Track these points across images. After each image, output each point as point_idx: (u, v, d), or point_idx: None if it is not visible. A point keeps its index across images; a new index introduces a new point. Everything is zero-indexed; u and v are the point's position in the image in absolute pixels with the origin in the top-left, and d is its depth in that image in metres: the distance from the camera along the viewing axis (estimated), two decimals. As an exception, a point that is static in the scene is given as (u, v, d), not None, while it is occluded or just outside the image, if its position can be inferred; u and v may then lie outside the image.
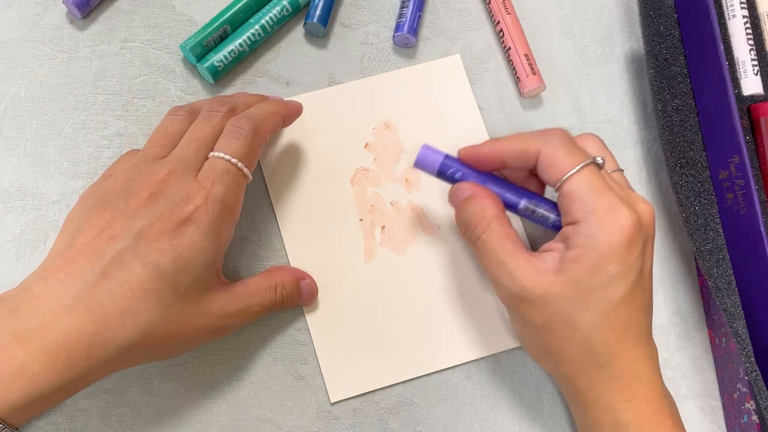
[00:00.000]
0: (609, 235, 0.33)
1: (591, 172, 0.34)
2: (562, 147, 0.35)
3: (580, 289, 0.34)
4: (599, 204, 0.34)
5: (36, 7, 0.44)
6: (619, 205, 0.34)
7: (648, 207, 0.36)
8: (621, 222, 0.33)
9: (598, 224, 0.34)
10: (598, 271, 0.34)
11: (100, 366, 0.32)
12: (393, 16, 0.47)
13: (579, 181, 0.34)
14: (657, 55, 0.44)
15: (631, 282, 0.34)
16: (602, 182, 0.34)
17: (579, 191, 0.34)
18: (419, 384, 0.42)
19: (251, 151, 0.36)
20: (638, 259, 0.34)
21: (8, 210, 0.41)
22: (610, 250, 0.33)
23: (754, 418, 0.41)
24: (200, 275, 0.34)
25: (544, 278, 0.34)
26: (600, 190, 0.34)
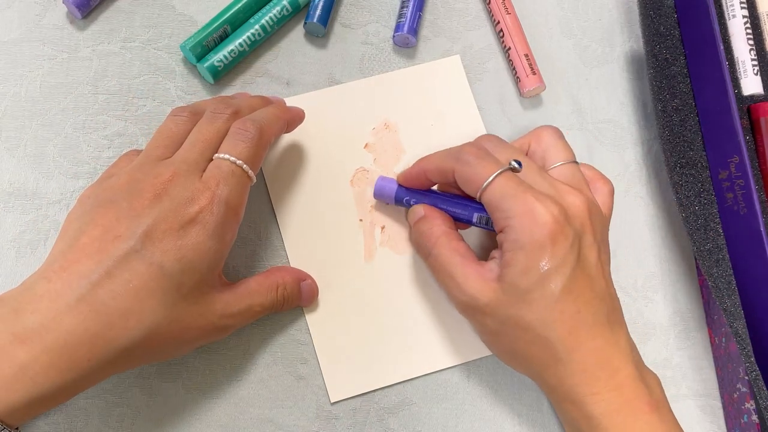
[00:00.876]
0: (530, 235, 0.34)
1: (505, 179, 0.35)
2: (471, 161, 0.36)
3: (519, 290, 0.35)
4: (515, 208, 0.35)
5: (36, 7, 0.44)
6: (534, 204, 0.34)
7: (579, 198, 0.36)
8: (540, 220, 0.34)
9: (518, 227, 0.34)
10: (530, 270, 0.34)
11: (102, 367, 0.32)
12: (393, 16, 0.47)
13: (494, 191, 0.35)
14: (657, 55, 0.44)
15: (568, 275, 0.34)
16: (516, 186, 0.35)
17: (495, 200, 0.35)
18: (419, 384, 0.42)
19: (256, 154, 0.36)
20: (571, 251, 0.35)
21: (8, 210, 0.41)
22: (535, 248, 0.34)
23: (754, 418, 0.41)
24: (204, 276, 0.34)
25: (489, 285, 0.36)
26: (514, 194, 0.35)
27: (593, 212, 0.36)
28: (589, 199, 0.37)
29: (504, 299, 0.35)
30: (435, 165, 0.38)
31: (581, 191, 0.37)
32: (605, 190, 0.39)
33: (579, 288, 0.35)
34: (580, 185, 0.38)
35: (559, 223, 0.34)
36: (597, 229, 0.36)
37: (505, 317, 0.36)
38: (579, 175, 0.38)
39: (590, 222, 0.36)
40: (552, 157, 0.39)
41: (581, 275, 0.35)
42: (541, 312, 0.35)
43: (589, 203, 0.36)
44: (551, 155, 0.39)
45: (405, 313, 0.42)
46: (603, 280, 0.36)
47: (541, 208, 0.34)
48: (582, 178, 0.38)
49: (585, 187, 0.38)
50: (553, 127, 0.40)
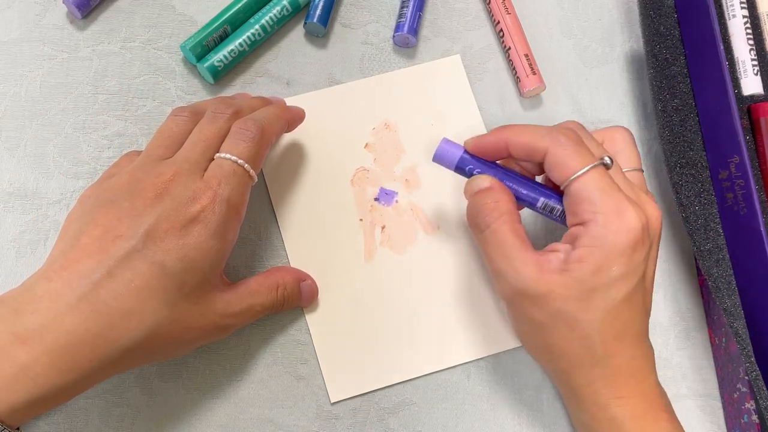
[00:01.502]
0: (615, 236, 0.34)
1: (598, 174, 0.34)
2: (569, 147, 0.35)
3: (583, 288, 0.34)
4: (607, 205, 0.34)
5: (36, 7, 0.44)
6: (627, 207, 0.34)
7: (657, 211, 0.36)
8: (628, 223, 0.34)
9: (605, 225, 0.34)
10: (602, 271, 0.34)
11: (103, 367, 0.32)
12: (393, 16, 0.47)
13: (586, 183, 0.34)
14: (657, 55, 0.44)
15: (634, 284, 0.34)
16: (610, 183, 0.34)
17: (586, 192, 0.34)
18: (419, 384, 0.42)
19: (257, 154, 0.36)
20: (642, 262, 0.34)
21: (8, 210, 0.41)
22: (616, 251, 0.34)
23: (754, 418, 0.41)
24: (206, 275, 0.34)
25: (547, 276, 0.34)
26: (607, 191, 0.34)
27: (661, 227, 0.36)
28: (661, 213, 0.36)
29: (562, 293, 0.34)
30: (525, 139, 0.36)
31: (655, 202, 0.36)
32: None
33: (636, 298, 0.35)
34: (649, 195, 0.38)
35: (644, 231, 0.34)
36: (660, 243, 0.37)
37: (557, 311, 0.35)
38: (645, 185, 0.38)
39: (659, 236, 0.36)
40: (624, 161, 0.39)
41: (640, 287, 0.35)
42: (597, 314, 0.34)
43: (661, 217, 0.36)
44: (623, 159, 0.39)
45: (405, 314, 0.42)
46: (651, 294, 0.36)
47: (632, 212, 0.34)
48: (646, 188, 0.39)
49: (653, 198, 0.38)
50: (627, 130, 0.40)
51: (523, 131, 0.36)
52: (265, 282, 0.38)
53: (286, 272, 0.40)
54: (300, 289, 0.40)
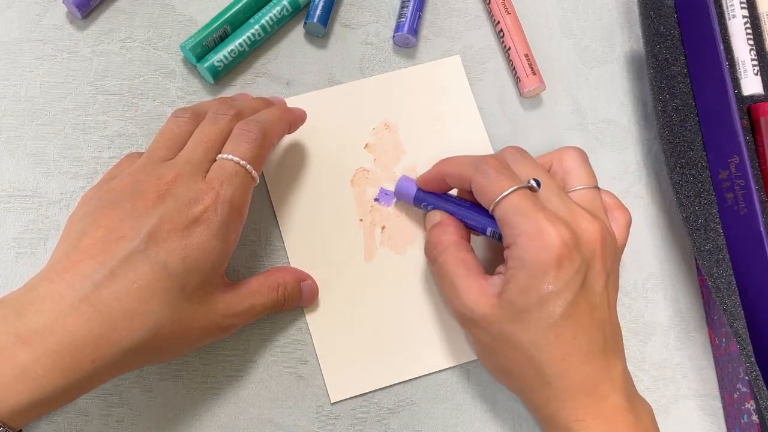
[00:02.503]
0: (537, 255, 0.34)
1: (518, 197, 0.35)
2: (490, 174, 0.36)
3: (516, 309, 0.34)
4: (525, 226, 0.34)
5: (36, 7, 0.44)
6: (546, 225, 0.34)
7: (594, 225, 0.35)
8: (548, 241, 0.34)
9: (525, 246, 0.34)
10: (530, 290, 0.34)
11: (105, 368, 0.32)
12: (393, 16, 0.47)
13: (506, 207, 0.35)
14: (657, 55, 0.44)
15: (569, 300, 0.34)
16: (529, 205, 0.35)
17: (506, 216, 0.35)
18: (419, 384, 0.42)
19: (259, 155, 0.36)
20: (575, 277, 0.34)
21: (8, 210, 0.41)
22: (539, 269, 0.34)
23: (754, 418, 0.41)
24: (208, 276, 0.34)
25: (487, 300, 0.36)
26: (525, 213, 0.34)
27: (606, 241, 0.36)
28: (604, 228, 0.36)
29: (500, 315, 0.35)
30: (454, 170, 0.38)
31: (597, 218, 0.36)
32: (622, 220, 0.39)
33: (579, 314, 0.34)
34: (598, 212, 0.37)
35: (568, 248, 0.34)
36: (608, 258, 0.36)
37: (499, 333, 0.35)
38: (598, 202, 0.38)
39: (602, 250, 0.35)
40: (573, 180, 0.39)
41: (583, 302, 0.34)
42: (535, 333, 0.34)
43: (604, 231, 0.36)
44: (572, 178, 0.39)
45: (405, 313, 0.42)
46: (606, 309, 0.36)
47: (551, 229, 0.34)
48: (601, 205, 0.38)
49: (602, 214, 0.38)
50: (578, 149, 0.40)
51: (452, 162, 0.39)
52: (266, 282, 0.38)
53: (286, 272, 0.40)
54: (300, 289, 0.40)
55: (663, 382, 0.44)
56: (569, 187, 0.39)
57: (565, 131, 0.46)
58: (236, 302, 0.36)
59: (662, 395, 0.44)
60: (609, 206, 0.39)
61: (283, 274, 0.40)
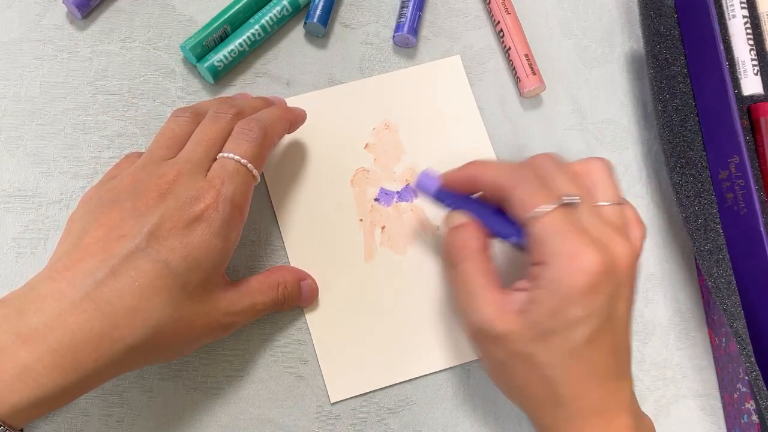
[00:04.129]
0: (570, 279, 0.33)
1: (557, 215, 0.34)
2: (529, 187, 0.35)
3: (541, 330, 0.34)
4: (563, 248, 0.33)
5: (36, 7, 0.44)
6: (583, 249, 0.33)
7: (626, 250, 0.34)
8: (584, 266, 0.33)
9: (560, 267, 0.33)
10: (559, 314, 0.33)
11: (106, 367, 0.32)
12: (393, 16, 0.47)
13: (544, 225, 0.34)
14: (657, 55, 0.44)
15: (595, 326, 0.33)
16: (569, 225, 0.34)
17: (543, 234, 0.34)
18: (419, 384, 0.42)
19: (260, 154, 0.36)
20: (605, 304, 0.33)
21: (8, 210, 0.41)
22: (572, 294, 0.33)
23: (754, 418, 0.41)
24: (209, 274, 0.34)
25: (507, 317, 0.34)
26: (564, 234, 0.33)
27: (636, 266, 0.35)
28: (636, 251, 0.35)
29: (521, 334, 0.34)
30: (489, 177, 0.37)
31: (629, 241, 0.35)
32: (637, 234, 0.37)
33: (601, 340, 0.34)
34: (626, 232, 0.36)
35: (603, 274, 0.33)
36: (634, 281, 0.35)
37: (517, 352, 0.34)
38: (623, 219, 0.36)
39: (630, 275, 0.35)
40: (600, 194, 0.37)
41: (607, 328, 0.34)
42: (557, 356, 0.34)
43: (635, 255, 0.35)
44: (599, 192, 0.37)
45: (405, 313, 0.42)
46: (624, 334, 0.35)
47: (588, 254, 0.33)
48: (625, 223, 0.37)
49: (628, 234, 0.36)
50: (605, 161, 0.38)
51: (488, 168, 0.37)
52: (266, 281, 0.38)
53: (286, 271, 0.40)
54: (300, 289, 0.40)
55: (663, 382, 0.44)
56: (595, 202, 0.37)
57: (565, 131, 0.46)
58: (237, 300, 0.36)
59: (662, 395, 0.44)
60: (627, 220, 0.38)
61: (283, 273, 0.40)
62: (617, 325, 0.35)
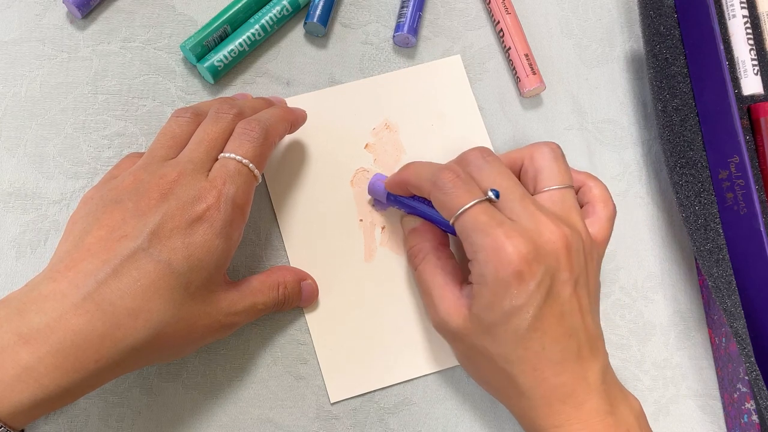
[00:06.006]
0: (494, 272, 0.33)
1: (477, 212, 0.34)
2: (447, 189, 0.35)
3: (484, 324, 0.35)
4: (484, 243, 0.34)
5: (36, 7, 0.44)
6: (503, 241, 0.33)
7: (556, 233, 0.34)
8: (505, 258, 0.33)
9: (485, 262, 0.34)
10: (494, 306, 0.34)
11: (108, 367, 0.32)
12: (393, 16, 0.47)
13: (465, 223, 0.35)
14: (657, 55, 0.44)
15: (534, 312, 0.33)
16: (487, 220, 0.34)
17: (465, 232, 0.35)
18: (419, 384, 0.42)
19: (262, 154, 0.36)
20: (538, 290, 0.33)
21: (8, 210, 0.41)
22: (499, 286, 0.33)
23: (754, 418, 0.41)
24: (211, 274, 0.34)
25: (460, 312, 0.36)
26: (482, 230, 0.34)
27: (572, 247, 0.35)
28: (568, 233, 0.35)
29: (471, 328, 0.35)
30: (414, 181, 0.38)
31: (564, 224, 0.35)
32: (604, 214, 0.38)
33: (546, 325, 0.34)
34: (569, 213, 0.36)
35: (527, 261, 0.33)
36: (575, 263, 0.35)
37: (472, 345, 0.36)
38: (569, 201, 0.37)
39: (567, 257, 0.34)
40: (544, 179, 0.37)
41: (549, 312, 0.34)
42: (504, 347, 0.34)
43: (567, 238, 0.34)
44: (544, 177, 0.37)
45: (405, 314, 0.42)
46: (578, 315, 0.35)
47: (509, 245, 0.33)
48: (572, 205, 0.37)
49: (575, 215, 0.36)
50: (551, 145, 0.38)
51: (412, 172, 0.38)
52: (267, 281, 0.38)
53: (287, 271, 0.40)
54: (300, 289, 0.40)
55: (663, 382, 0.44)
56: (541, 188, 0.37)
57: (565, 131, 0.46)
58: (238, 300, 0.36)
59: (662, 395, 0.44)
60: (593, 199, 0.38)
61: (283, 273, 0.40)
62: (563, 308, 0.34)
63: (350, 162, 0.44)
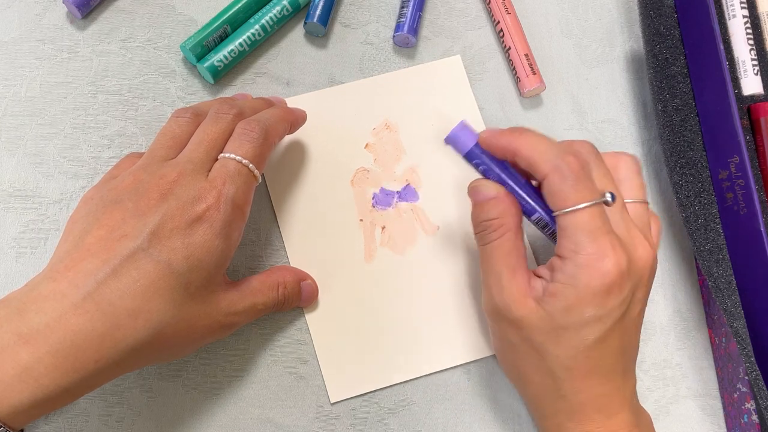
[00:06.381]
0: (589, 279, 0.33)
1: (590, 214, 0.33)
2: (568, 180, 0.34)
3: (554, 323, 0.34)
4: (588, 247, 0.33)
5: (36, 7, 0.44)
6: (608, 252, 0.33)
7: (647, 252, 0.35)
8: (605, 268, 0.33)
9: (581, 266, 0.33)
10: (573, 311, 0.33)
11: (108, 367, 0.32)
12: (393, 16, 0.47)
13: (575, 221, 0.33)
14: (657, 55, 0.44)
15: (608, 327, 0.34)
16: (599, 225, 0.33)
17: (571, 230, 0.33)
18: (419, 384, 0.42)
19: (261, 154, 0.36)
20: (620, 306, 0.34)
21: (8, 210, 0.41)
22: (588, 293, 0.33)
23: (754, 418, 0.41)
24: (211, 274, 0.34)
25: (528, 302, 0.35)
26: (593, 234, 0.33)
27: (654, 269, 0.35)
28: (655, 255, 0.35)
29: (536, 323, 0.34)
30: (531, 156, 0.35)
31: (650, 243, 0.35)
32: (655, 230, 0.38)
33: (611, 340, 0.34)
34: (646, 231, 0.36)
35: (622, 277, 0.33)
36: (650, 284, 0.36)
37: (529, 338, 0.35)
38: (646, 218, 0.37)
39: (649, 278, 0.35)
40: (626, 191, 0.37)
41: (618, 329, 0.34)
42: (565, 351, 0.34)
43: (654, 258, 0.35)
44: (626, 189, 0.37)
45: (405, 314, 0.42)
46: (636, 334, 0.36)
47: (611, 257, 0.33)
48: (648, 222, 0.37)
49: (649, 232, 0.36)
50: (634, 158, 0.38)
51: (532, 146, 0.35)
52: (267, 281, 0.38)
53: (287, 272, 0.40)
54: (300, 289, 0.40)
55: (663, 382, 0.44)
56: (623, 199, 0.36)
57: (565, 131, 0.46)
58: (238, 300, 0.36)
59: (662, 395, 0.44)
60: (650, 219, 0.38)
61: (283, 273, 0.40)
62: (629, 326, 0.35)
63: (350, 162, 0.44)
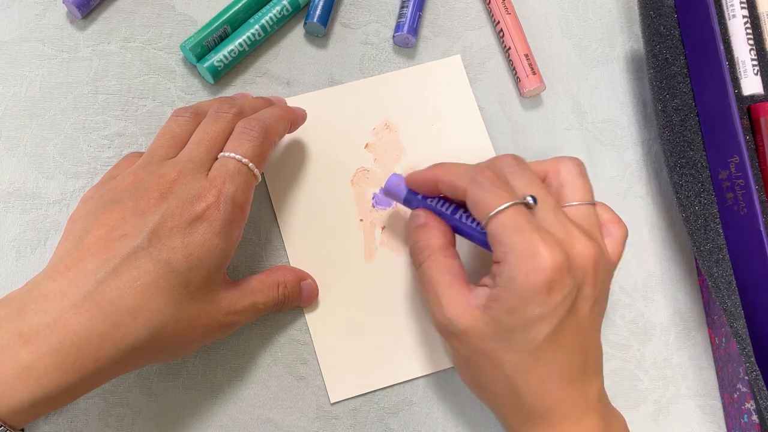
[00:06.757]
0: (527, 277, 0.33)
1: (513, 213, 0.33)
2: (486, 187, 0.34)
3: (501, 328, 0.34)
4: (518, 245, 0.33)
5: (36, 7, 0.44)
6: (539, 247, 0.33)
7: (587, 248, 0.34)
8: (540, 264, 0.32)
9: (516, 266, 0.33)
10: (516, 312, 0.33)
11: (108, 367, 0.32)
12: (393, 16, 0.47)
13: (500, 223, 0.33)
14: (657, 55, 0.44)
15: (555, 325, 0.33)
16: (524, 223, 0.33)
17: (499, 232, 0.34)
18: (419, 384, 0.42)
19: (261, 153, 0.36)
20: (563, 303, 0.33)
21: (8, 210, 0.41)
22: (528, 292, 0.33)
23: (754, 418, 0.41)
24: (211, 273, 0.34)
25: (470, 313, 0.34)
26: (520, 231, 0.33)
27: (599, 263, 0.35)
28: (599, 250, 0.35)
29: (483, 330, 0.34)
30: (449, 179, 0.36)
31: (592, 240, 0.35)
32: (618, 235, 0.38)
33: (562, 338, 0.34)
34: (593, 231, 0.36)
35: (560, 272, 0.33)
36: (599, 280, 0.35)
37: (479, 348, 0.35)
38: (594, 219, 0.37)
39: (594, 274, 0.34)
40: (569, 194, 0.37)
41: (568, 326, 0.34)
42: (516, 354, 0.34)
43: (598, 254, 0.34)
44: (568, 192, 0.37)
45: (405, 314, 0.42)
46: (591, 333, 0.35)
47: (544, 250, 0.32)
48: (596, 222, 0.37)
49: (598, 233, 0.36)
50: (575, 160, 0.38)
51: (447, 170, 0.37)
52: (267, 280, 0.38)
53: (287, 271, 0.40)
54: (300, 289, 0.40)
55: (663, 382, 0.44)
56: (564, 201, 0.37)
57: (565, 131, 0.46)
58: (238, 300, 0.36)
59: (662, 395, 0.44)
60: (605, 220, 0.38)
61: (283, 273, 0.40)
62: (581, 324, 0.34)
63: (350, 162, 0.44)
